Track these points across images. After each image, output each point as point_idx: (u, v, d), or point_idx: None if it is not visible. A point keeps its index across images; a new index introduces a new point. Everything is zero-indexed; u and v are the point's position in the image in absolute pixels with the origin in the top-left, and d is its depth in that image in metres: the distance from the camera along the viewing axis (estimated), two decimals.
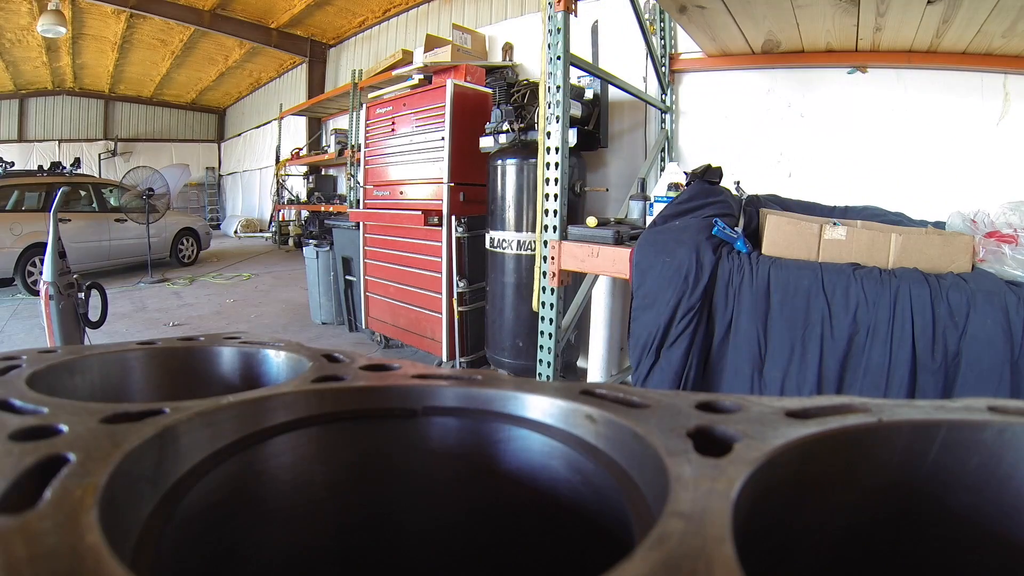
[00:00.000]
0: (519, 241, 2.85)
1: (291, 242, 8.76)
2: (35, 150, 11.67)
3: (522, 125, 2.83)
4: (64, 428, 0.21)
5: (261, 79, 10.83)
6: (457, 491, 0.30)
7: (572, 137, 2.50)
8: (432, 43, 4.06)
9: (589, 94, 3.01)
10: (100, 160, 12.48)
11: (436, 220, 3.14)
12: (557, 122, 1.99)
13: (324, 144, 7.37)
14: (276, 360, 0.42)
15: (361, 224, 3.82)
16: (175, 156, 12.89)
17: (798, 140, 2.79)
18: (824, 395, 0.24)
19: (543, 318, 2.13)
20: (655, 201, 2.29)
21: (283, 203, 8.31)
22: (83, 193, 6.59)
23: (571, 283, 2.20)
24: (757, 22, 2.33)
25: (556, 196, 2.03)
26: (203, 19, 7.47)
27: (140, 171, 6.90)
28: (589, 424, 0.26)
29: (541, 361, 2.14)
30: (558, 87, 1.98)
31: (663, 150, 3.11)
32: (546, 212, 2.07)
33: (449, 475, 0.30)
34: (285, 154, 8.25)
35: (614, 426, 0.24)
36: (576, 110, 2.89)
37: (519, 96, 2.99)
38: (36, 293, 5.43)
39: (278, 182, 8.30)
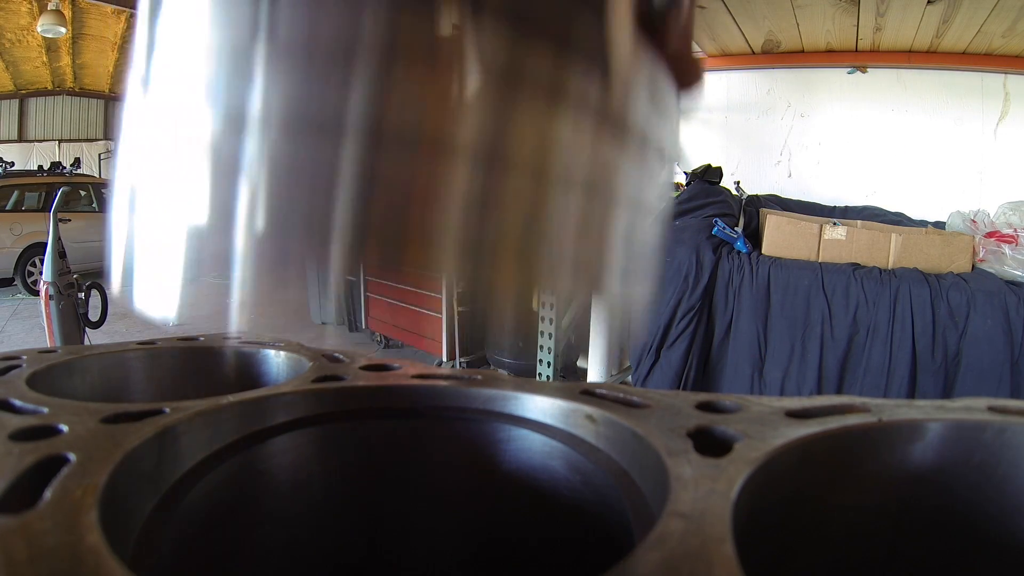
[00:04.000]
0: None
1: None
2: (35, 150, 11.68)
3: None
4: (64, 428, 0.21)
5: None
6: (457, 491, 0.31)
7: None
8: None
9: None
10: (100, 160, 12.49)
11: None
12: None
13: None
14: (276, 360, 0.42)
15: None
16: None
17: (798, 140, 2.79)
18: (824, 395, 0.24)
19: (543, 318, 2.13)
20: None
21: None
22: (83, 193, 6.58)
23: None
24: (757, 22, 2.33)
25: None
26: None
27: None
28: (589, 424, 0.26)
29: (541, 361, 2.14)
30: None
31: None
32: None
33: (449, 475, 0.30)
34: None
35: (614, 426, 0.24)
36: None
37: None
38: (36, 293, 5.43)
39: None
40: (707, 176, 2.07)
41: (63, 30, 7.07)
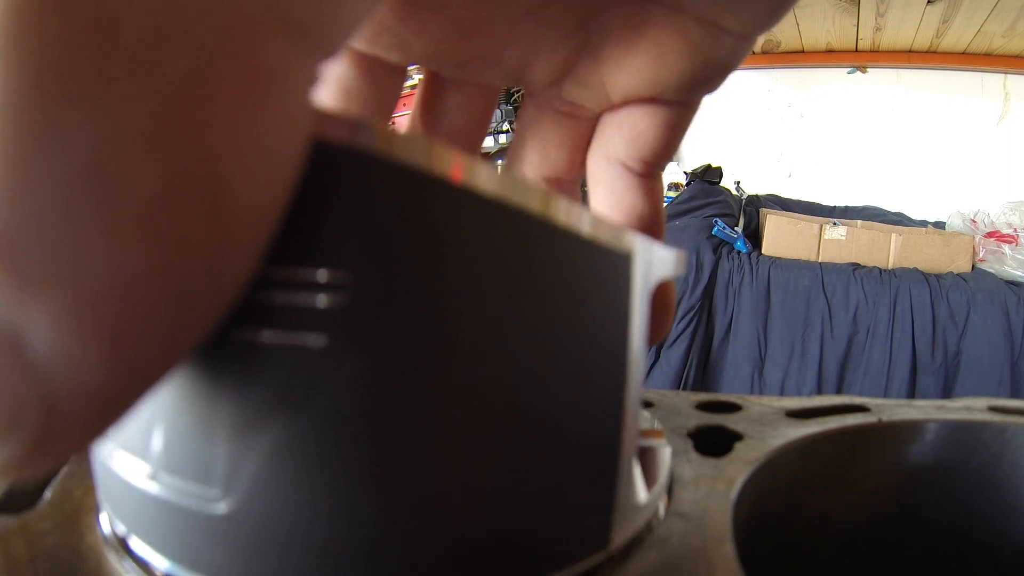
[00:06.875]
0: None
1: None
2: None
3: None
4: None
5: None
6: None
7: None
8: None
9: None
10: None
11: None
12: None
13: None
14: None
15: None
16: None
17: (798, 140, 2.78)
18: (824, 395, 0.24)
19: None
20: None
21: None
22: None
23: None
24: None
25: None
26: None
27: None
28: None
29: None
30: None
31: None
32: None
33: None
34: None
35: None
36: None
37: (519, 96, 2.99)
38: None
39: None
40: (707, 176, 2.07)
41: None
